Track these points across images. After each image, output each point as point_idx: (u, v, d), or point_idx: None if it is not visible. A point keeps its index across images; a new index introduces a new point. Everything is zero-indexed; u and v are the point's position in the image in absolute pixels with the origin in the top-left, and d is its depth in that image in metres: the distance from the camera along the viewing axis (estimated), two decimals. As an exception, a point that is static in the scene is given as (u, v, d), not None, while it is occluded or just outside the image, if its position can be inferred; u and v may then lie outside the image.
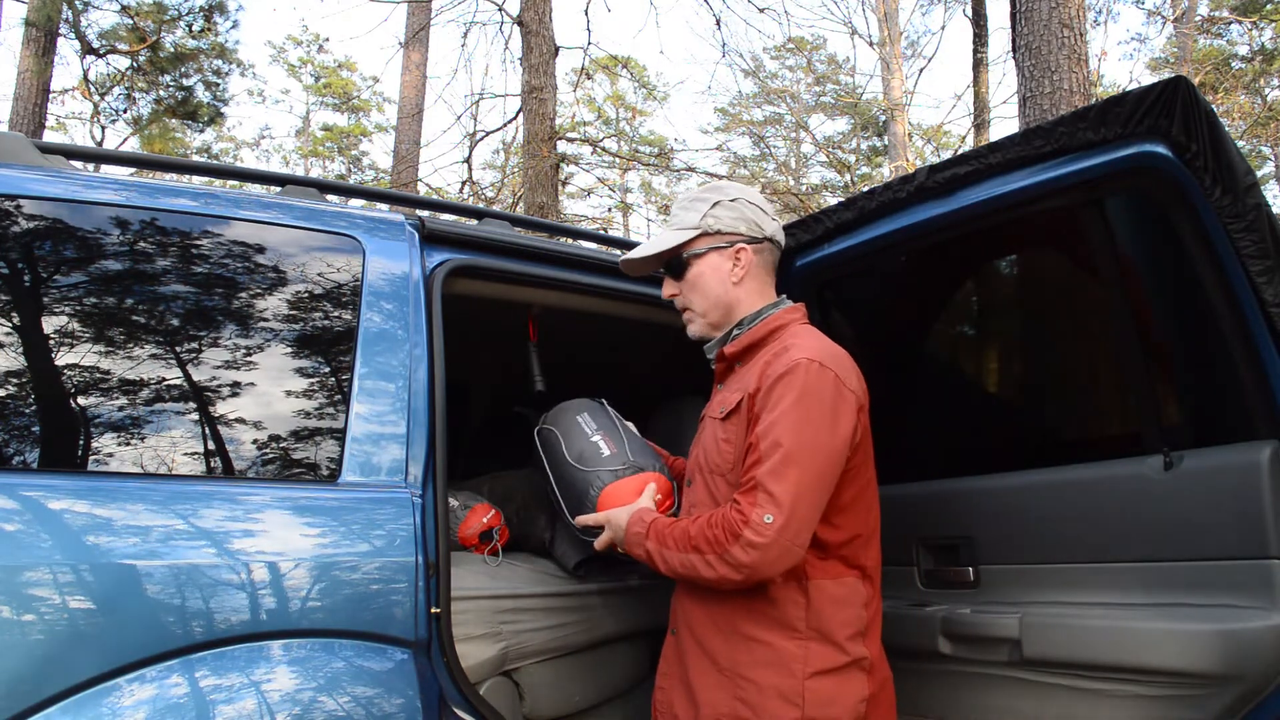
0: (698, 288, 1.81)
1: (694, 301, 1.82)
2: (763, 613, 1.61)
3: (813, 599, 1.60)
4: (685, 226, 1.81)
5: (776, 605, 1.61)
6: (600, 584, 2.30)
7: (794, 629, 1.60)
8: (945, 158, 2.95)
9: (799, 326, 1.76)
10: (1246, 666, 1.60)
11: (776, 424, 1.56)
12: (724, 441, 1.70)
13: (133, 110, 11.21)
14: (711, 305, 1.80)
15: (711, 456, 1.73)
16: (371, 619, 1.55)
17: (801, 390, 1.57)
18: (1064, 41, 4.81)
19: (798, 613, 1.60)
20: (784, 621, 1.60)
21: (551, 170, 7.88)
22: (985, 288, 2.42)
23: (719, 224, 1.79)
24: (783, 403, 1.57)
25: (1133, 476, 1.81)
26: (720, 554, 1.55)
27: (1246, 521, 1.63)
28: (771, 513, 1.51)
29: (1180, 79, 1.59)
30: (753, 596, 1.61)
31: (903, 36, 15.56)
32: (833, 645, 1.59)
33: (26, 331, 1.52)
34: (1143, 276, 1.86)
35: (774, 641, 1.59)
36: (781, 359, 1.63)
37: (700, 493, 1.76)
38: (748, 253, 1.79)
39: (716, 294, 1.79)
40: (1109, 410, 2.11)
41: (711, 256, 1.80)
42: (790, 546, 1.52)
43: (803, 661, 1.57)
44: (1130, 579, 1.81)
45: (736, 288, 1.79)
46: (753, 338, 1.76)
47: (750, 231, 1.80)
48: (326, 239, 1.83)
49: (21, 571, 1.30)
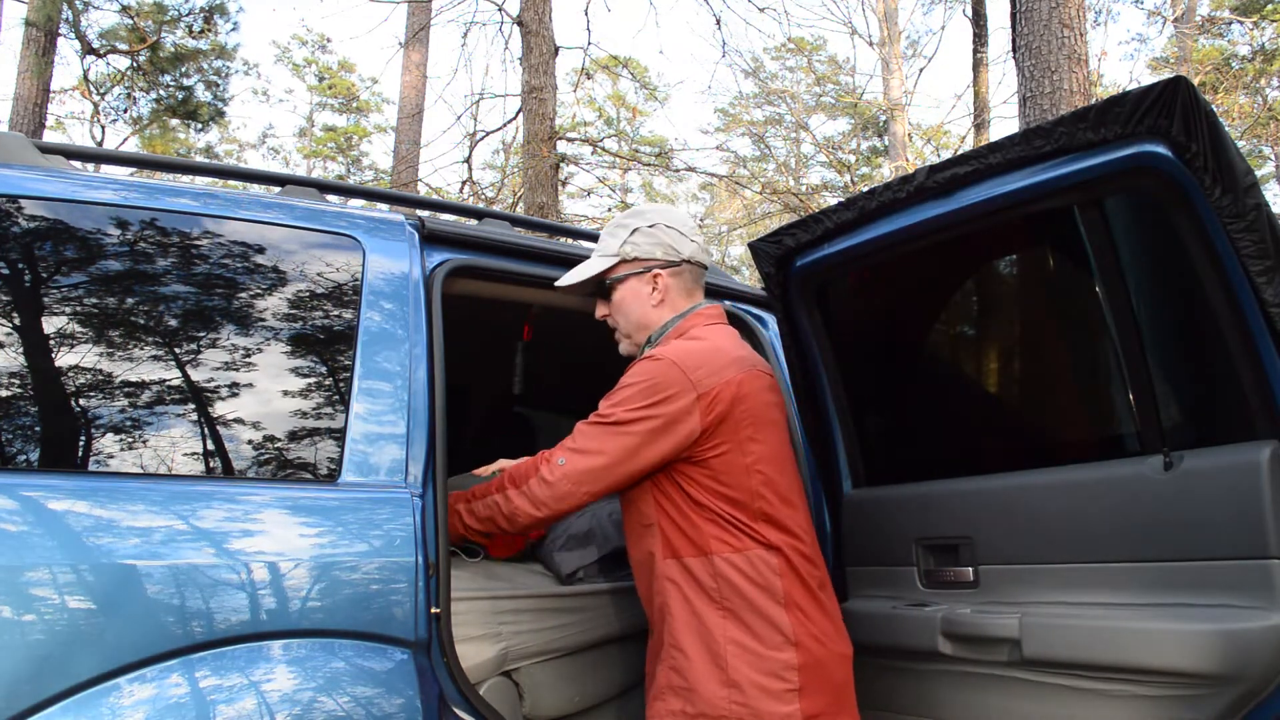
0: (621, 310, 1.96)
1: (620, 323, 1.98)
2: (681, 586, 1.77)
3: (719, 570, 1.75)
4: (607, 254, 1.94)
5: (694, 580, 1.76)
6: (599, 585, 2.30)
7: (712, 599, 1.74)
8: (945, 158, 2.95)
9: (702, 329, 1.89)
10: (1246, 667, 1.59)
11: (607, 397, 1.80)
12: None
13: (133, 110, 11.22)
14: (635, 326, 1.96)
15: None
16: (371, 619, 1.55)
17: (632, 371, 1.80)
18: (1064, 41, 4.81)
19: (710, 583, 1.75)
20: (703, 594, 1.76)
21: (551, 170, 7.88)
22: (985, 288, 2.42)
23: (636, 250, 1.92)
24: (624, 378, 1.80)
25: (1132, 476, 1.81)
26: (519, 488, 1.78)
27: (1246, 521, 1.63)
28: (563, 455, 1.77)
29: (1180, 79, 1.58)
30: (675, 574, 1.78)
31: (903, 36, 15.56)
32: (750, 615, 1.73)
33: (27, 331, 1.52)
34: (1143, 277, 1.86)
35: (700, 611, 1.74)
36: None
37: (628, 493, 1.90)
38: (664, 277, 1.92)
39: (637, 316, 1.94)
40: (1109, 410, 2.11)
41: (631, 281, 1.94)
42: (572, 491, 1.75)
43: (721, 629, 1.71)
44: (1130, 579, 1.81)
45: (656, 310, 1.93)
46: (652, 348, 1.90)
47: (666, 255, 1.92)
48: (326, 239, 1.83)
49: (22, 571, 1.30)
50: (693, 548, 1.77)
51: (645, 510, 1.84)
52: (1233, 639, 1.60)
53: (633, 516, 1.89)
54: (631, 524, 1.90)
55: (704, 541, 1.76)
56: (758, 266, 2.32)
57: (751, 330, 2.60)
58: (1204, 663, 1.63)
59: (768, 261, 2.29)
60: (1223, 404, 1.76)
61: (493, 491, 1.83)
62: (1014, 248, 2.22)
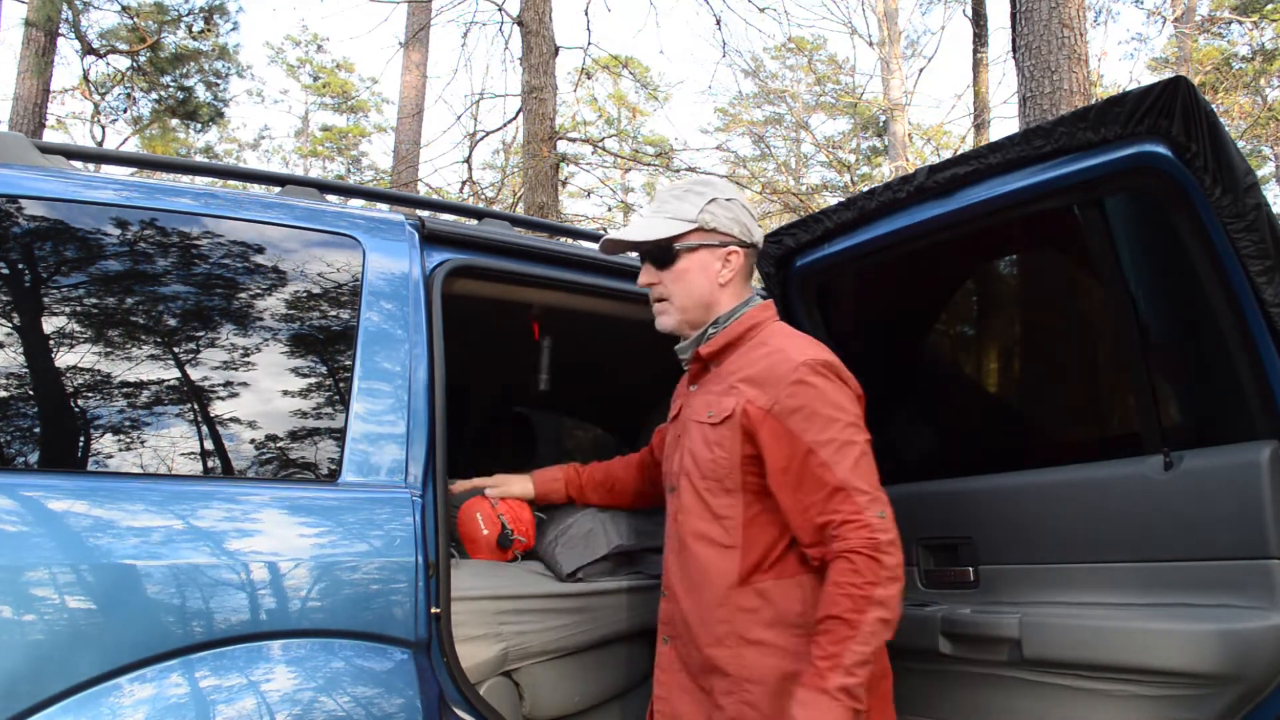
0: (682, 282, 1.76)
1: (675, 295, 1.78)
2: (760, 614, 1.62)
3: (808, 594, 1.61)
4: (680, 217, 1.76)
5: (774, 605, 1.62)
6: (600, 584, 2.30)
7: (795, 626, 1.60)
8: (945, 158, 2.95)
9: (775, 325, 1.77)
10: (1246, 666, 1.60)
11: (826, 426, 1.58)
12: (716, 446, 1.68)
13: (133, 110, 11.23)
14: (694, 303, 1.77)
15: (703, 462, 1.70)
16: (371, 619, 1.55)
17: (821, 388, 1.60)
18: (1064, 41, 4.80)
19: (795, 608, 1.61)
20: (785, 620, 1.61)
21: (551, 170, 7.88)
22: (985, 288, 2.42)
23: (715, 221, 1.75)
24: (813, 403, 1.59)
25: (1133, 476, 1.81)
26: (879, 579, 1.49)
27: (1246, 521, 1.63)
28: (880, 507, 1.55)
29: (1180, 79, 1.58)
30: (750, 600, 1.63)
31: (903, 36, 15.56)
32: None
33: (27, 331, 1.52)
34: (1143, 276, 1.86)
35: (777, 642, 1.60)
36: (781, 364, 1.63)
37: (689, 498, 1.73)
38: (739, 256, 1.77)
39: (700, 292, 1.76)
40: (1109, 410, 2.11)
41: (702, 254, 1.76)
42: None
43: (808, 658, 1.54)
44: (1130, 579, 1.81)
45: (722, 290, 1.77)
46: (729, 337, 1.75)
47: (741, 235, 1.78)
48: (326, 239, 1.83)
49: (22, 571, 1.30)
50: (778, 570, 1.63)
51: (729, 529, 1.66)
52: (1233, 639, 1.60)
53: (700, 535, 1.69)
54: (695, 544, 1.69)
55: (789, 563, 1.63)
56: (758, 266, 2.31)
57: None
58: (1204, 663, 1.63)
59: (768, 261, 2.30)
60: (1223, 404, 1.76)
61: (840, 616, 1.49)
62: (1014, 248, 2.22)
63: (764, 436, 1.61)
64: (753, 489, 1.65)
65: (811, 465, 1.57)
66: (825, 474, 1.56)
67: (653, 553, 2.41)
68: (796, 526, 1.61)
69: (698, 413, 1.75)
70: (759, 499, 1.65)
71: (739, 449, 1.64)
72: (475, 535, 2.25)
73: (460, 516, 2.24)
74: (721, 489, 1.67)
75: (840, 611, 1.49)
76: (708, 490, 1.69)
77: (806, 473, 1.57)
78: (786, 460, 1.59)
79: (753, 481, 1.65)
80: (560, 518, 2.35)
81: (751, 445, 1.63)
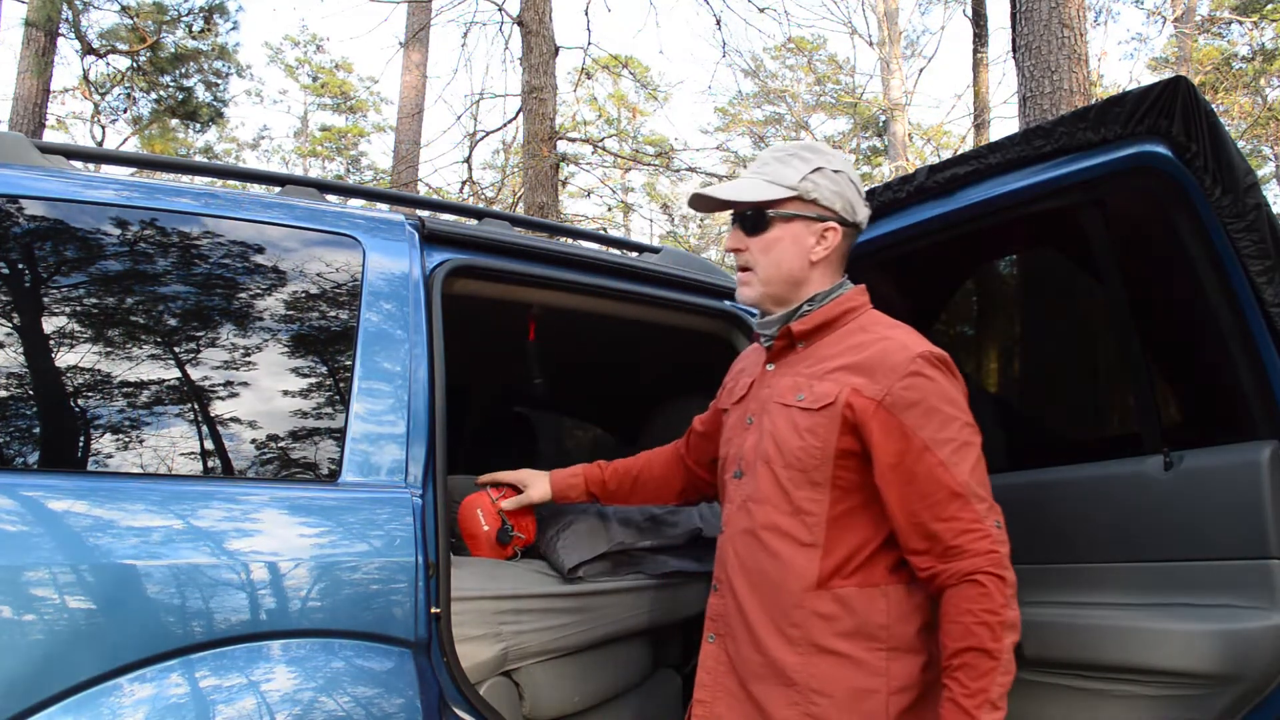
0: (771, 253, 1.60)
1: (761, 265, 1.61)
2: (838, 623, 1.48)
3: (893, 605, 1.48)
4: (779, 182, 1.59)
5: (855, 614, 1.48)
6: (600, 584, 2.29)
7: (874, 639, 1.47)
8: (945, 158, 2.95)
9: (873, 312, 1.63)
10: (1246, 666, 1.60)
11: (945, 424, 1.46)
12: (808, 434, 1.52)
13: (133, 110, 11.23)
14: (781, 277, 1.61)
15: (789, 449, 1.54)
16: (371, 619, 1.55)
17: (940, 383, 1.48)
18: (1064, 41, 4.81)
19: (878, 620, 1.47)
20: (865, 632, 1.47)
21: (551, 170, 7.88)
22: (984, 288, 2.42)
23: (816, 192, 1.58)
24: (931, 398, 1.47)
25: (1132, 476, 1.81)
26: (1007, 599, 1.39)
27: (1246, 521, 1.63)
28: (997, 516, 1.45)
29: (1180, 79, 1.58)
30: (827, 605, 1.49)
31: (903, 36, 15.56)
32: (915, 656, 1.48)
33: (27, 331, 1.52)
34: (1142, 276, 1.86)
35: (853, 653, 1.47)
36: (895, 353, 1.50)
37: (766, 486, 1.56)
38: (837, 234, 1.61)
39: (790, 267, 1.60)
40: (1109, 410, 2.11)
41: (797, 225, 1.59)
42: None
43: (885, 675, 1.45)
44: (1130, 579, 1.81)
45: (812, 267, 1.61)
46: (825, 316, 1.60)
47: (844, 213, 1.61)
48: (326, 239, 1.83)
49: (22, 571, 1.30)
50: (861, 577, 1.50)
51: (810, 525, 1.52)
52: (1233, 639, 1.60)
53: (774, 527, 1.54)
54: (769, 537, 1.55)
55: (875, 570, 1.50)
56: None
57: (751, 330, 2.60)
58: (1204, 662, 1.63)
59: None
60: (1223, 404, 1.76)
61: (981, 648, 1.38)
62: (1014, 248, 2.22)
63: (873, 430, 1.47)
64: (842, 485, 1.51)
65: (927, 465, 1.44)
66: (943, 475, 1.43)
67: (653, 552, 2.41)
68: (902, 529, 1.47)
69: (783, 394, 1.59)
70: (847, 496, 1.51)
71: (834, 440, 1.50)
72: (476, 531, 2.25)
73: (460, 512, 2.24)
74: (807, 480, 1.52)
75: (979, 643, 1.37)
76: (790, 480, 1.53)
77: (920, 473, 1.44)
78: (897, 457, 1.46)
79: (843, 477, 1.51)
80: (561, 514, 2.35)
81: (851, 438, 1.49)
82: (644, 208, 23.87)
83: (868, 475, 1.50)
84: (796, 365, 1.61)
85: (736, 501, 1.63)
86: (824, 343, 1.60)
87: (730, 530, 1.63)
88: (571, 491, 2.16)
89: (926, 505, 1.44)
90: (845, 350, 1.55)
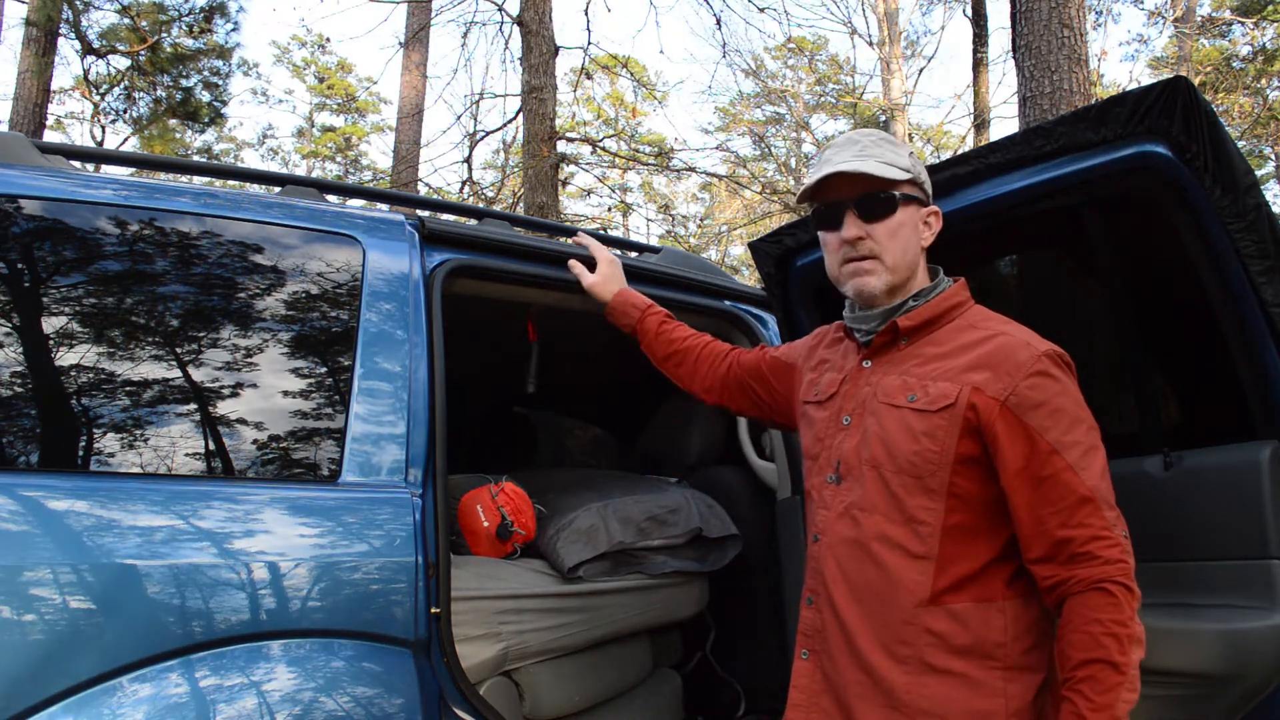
0: (898, 238, 1.51)
1: (889, 251, 1.51)
2: (952, 640, 1.38)
3: (1010, 622, 1.39)
4: (896, 164, 1.51)
5: (970, 631, 1.38)
6: (600, 584, 2.30)
7: (990, 657, 1.37)
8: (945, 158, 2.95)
9: (979, 307, 1.56)
10: (1247, 666, 1.60)
11: (1072, 427, 1.38)
12: (925, 437, 1.42)
13: (133, 110, 11.22)
14: (905, 263, 1.52)
15: (902, 454, 1.43)
16: (371, 619, 1.55)
17: (1065, 384, 1.41)
18: (1064, 41, 4.81)
19: (994, 637, 1.38)
20: (981, 650, 1.38)
21: (551, 170, 7.88)
22: (984, 288, 2.41)
23: (923, 177, 1.56)
24: (1057, 399, 1.38)
25: (1132, 476, 1.81)
26: (1135, 612, 1.32)
27: (1246, 522, 1.63)
28: (1124, 525, 1.37)
29: (1180, 79, 1.58)
30: (941, 622, 1.39)
31: (903, 36, 15.57)
32: (1032, 675, 1.38)
33: (27, 331, 1.52)
34: (1142, 276, 1.86)
35: (968, 673, 1.37)
36: (1018, 351, 1.41)
37: (874, 493, 1.46)
38: (938, 219, 1.59)
39: (913, 254, 1.53)
40: (1108, 409, 2.11)
41: (912, 209, 1.53)
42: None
43: (1003, 696, 1.36)
44: (1130, 579, 1.81)
45: (919, 256, 1.56)
46: (934, 311, 1.51)
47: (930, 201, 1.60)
48: (326, 239, 1.83)
49: (22, 571, 1.30)
50: (977, 591, 1.40)
51: (923, 536, 1.41)
52: (1233, 639, 1.60)
53: (885, 537, 1.44)
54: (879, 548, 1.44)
55: (991, 584, 1.40)
56: (758, 266, 2.31)
57: (751, 330, 2.60)
58: (1205, 662, 1.63)
59: (768, 261, 2.29)
60: (1223, 404, 1.76)
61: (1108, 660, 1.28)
62: (1013, 248, 2.22)
63: (999, 432, 1.37)
64: (958, 492, 1.41)
65: (1055, 469, 1.35)
66: (1072, 480, 1.35)
67: (653, 552, 2.41)
68: (1027, 536, 1.38)
69: (890, 395, 1.48)
70: (963, 505, 1.41)
71: (954, 445, 1.40)
72: (475, 527, 2.26)
73: (460, 508, 2.25)
74: (921, 488, 1.41)
75: (1106, 655, 1.28)
76: (903, 487, 1.43)
77: (1047, 477, 1.36)
78: (1024, 460, 1.36)
79: (960, 485, 1.41)
80: (561, 512, 2.35)
81: (972, 442, 1.40)
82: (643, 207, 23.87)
83: (985, 483, 1.41)
84: (902, 364, 1.51)
85: (836, 509, 1.51)
86: (929, 339, 1.51)
87: (829, 539, 1.50)
88: (624, 318, 2.11)
89: (1054, 511, 1.35)
90: (957, 349, 1.46)
